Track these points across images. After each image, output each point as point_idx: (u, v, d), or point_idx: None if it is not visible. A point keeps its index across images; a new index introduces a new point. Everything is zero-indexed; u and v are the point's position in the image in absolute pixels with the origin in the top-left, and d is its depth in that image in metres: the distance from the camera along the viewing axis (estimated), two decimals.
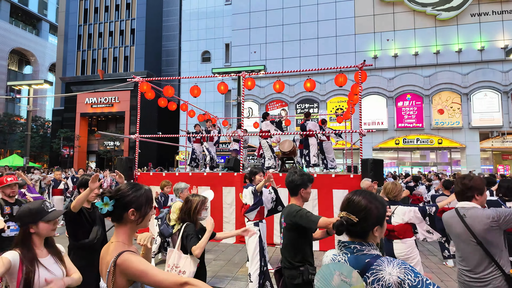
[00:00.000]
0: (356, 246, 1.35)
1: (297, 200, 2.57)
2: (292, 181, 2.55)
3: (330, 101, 24.30)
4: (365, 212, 1.36)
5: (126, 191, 1.50)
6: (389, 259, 1.26)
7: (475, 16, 22.28)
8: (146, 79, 8.57)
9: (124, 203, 1.47)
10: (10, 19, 45.44)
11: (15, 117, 39.23)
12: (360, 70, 6.99)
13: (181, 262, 2.64)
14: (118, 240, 1.47)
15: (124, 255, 1.38)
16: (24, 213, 1.92)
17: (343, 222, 1.39)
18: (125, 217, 1.48)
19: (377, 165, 6.35)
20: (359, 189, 1.55)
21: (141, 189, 1.54)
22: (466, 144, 21.77)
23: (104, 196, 1.46)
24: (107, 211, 1.46)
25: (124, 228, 1.50)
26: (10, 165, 19.44)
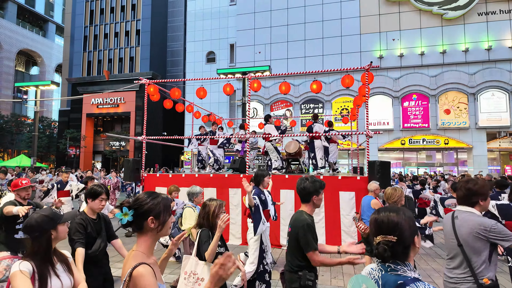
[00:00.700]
0: (391, 265, 1.31)
1: (309, 207, 2.55)
2: (304, 188, 2.52)
3: (335, 101, 24.21)
4: (399, 228, 1.32)
5: (144, 199, 1.52)
6: (426, 285, 1.20)
7: (482, 15, 22.05)
8: (153, 81, 8.61)
9: (142, 212, 1.49)
10: (17, 21, 45.95)
11: (22, 117, 39.69)
12: (367, 72, 6.96)
13: (199, 269, 2.60)
14: (138, 250, 1.49)
15: (140, 269, 1.38)
16: (43, 220, 1.89)
17: (385, 248, 1.32)
18: (145, 226, 1.49)
19: (384, 167, 6.32)
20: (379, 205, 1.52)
21: (158, 197, 1.56)
22: (473, 144, 21.56)
23: (123, 206, 1.48)
24: (127, 221, 1.47)
25: (145, 237, 1.51)
26: (18, 165, 19.67)
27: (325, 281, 5.10)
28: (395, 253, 1.32)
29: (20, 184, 3.52)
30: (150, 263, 1.45)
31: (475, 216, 2.21)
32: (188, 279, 2.57)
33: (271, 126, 8.23)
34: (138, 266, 1.39)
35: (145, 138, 8.60)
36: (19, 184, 3.53)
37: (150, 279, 1.38)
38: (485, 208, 2.29)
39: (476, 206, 2.25)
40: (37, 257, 1.82)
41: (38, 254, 1.83)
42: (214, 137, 9.58)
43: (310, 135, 7.94)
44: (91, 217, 2.98)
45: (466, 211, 2.27)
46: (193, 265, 2.63)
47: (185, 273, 2.62)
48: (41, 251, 1.84)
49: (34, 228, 1.87)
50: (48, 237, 1.88)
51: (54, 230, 1.91)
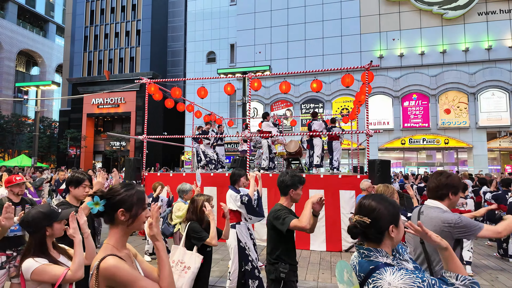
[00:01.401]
0: (364, 252, 1.37)
1: (286, 200, 2.63)
2: (283, 181, 2.62)
3: (336, 101, 24.24)
4: (376, 212, 1.37)
5: (117, 190, 1.44)
6: (394, 269, 1.24)
7: (482, 14, 22.06)
8: (154, 80, 8.64)
9: (114, 203, 1.41)
10: (17, 21, 45.97)
11: (23, 117, 39.72)
12: (367, 71, 6.99)
13: (186, 258, 2.80)
14: (108, 243, 1.42)
15: (108, 260, 1.31)
16: (39, 217, 1.90)
17: (356, 225, 1.40)
18: (116, 218, 1.41)
19: (384, 166, 6.35)
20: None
21: (133, 188, 1.47)
22: (473, 144, 21.57)
23: (95, 195, 1.40)
24: (98, 211, 1.40)
25: (116, 229, 1.43)
26: (18, 165, 19.69)
27: (325, 278, 5.12)
28: (366, 234, 1.38)
29: (14, 181, 3.54)
30: (120, 256, 1.38)
31: (440, 211, 2.09)
32: (176, 267, 2.78)
33: (268, 123, 8.25)
34: (106, 257, 1.32)
35: (146, 137, 8.63)
36: (13, 180, 3.55)
37: (124, 266, 1.32)
38: (454, 203, 2.18)
39: (445, 200, 2.14)
40: (36, 254, 1.84)
41: (35, 251, 1.85)
42: (207, 136, 9.62)
43: (309, 134, 7.97)
44: (75, 205, 2.82)
45: (433, 206, 2.17)
46: (181, 254, 2.84)
47: (173, 261, 2.82)
48: (37, 247, 1.86)
49: (30, 223, 1.90)
50: (42, 234, 1.89)
51: (49, 227, 1.92)
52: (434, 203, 2.18)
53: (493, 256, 6.57)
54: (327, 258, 6.25)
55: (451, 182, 2.15)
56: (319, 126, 8.25)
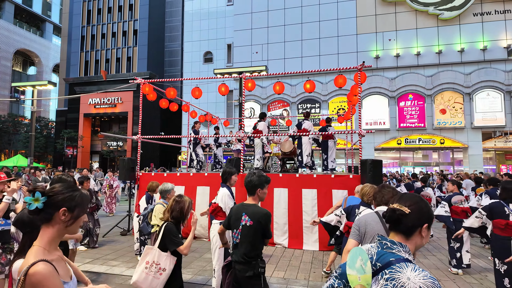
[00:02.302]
0: (387, 243, 1.37)
1: (254, 199, 2.77)
2: (250, 181, 2.74)
3: (332, 101, 24.31)
4: (416, 205, 1.39)
5: (62, 189, 1.40)
6: (416, 267, 1.25)
7: (477, 15, 22.20)
8: (149, 81, 8.67)
9: (56, 201, 1.36)
10: (14, 20, 45.77)
11: (19, 117, 39.57)
12: (360, 71, 7.04)
13: (162, 260, 2.77)
14: (39, 244, 1.34)
15: (38, 267, 1.23)
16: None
17: (395, 211, 1.40)
18: (54, 217, 1.36)
19: (376, 166, 6.40)
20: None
21: (78, 190, 1.45)
22: (468, 144, 21.70)
23: (36, 191, 1.34)
24: (36, 207, 1.33)
25: (51, 230, 1.37)
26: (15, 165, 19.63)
27: (317, 277, 5.17)
28: (400, 224, 1.39)
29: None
30: (52, 259, 1.32)
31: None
32: (150, 268, 2.75)
33: (265, 124, 8.30)
34: (36, 263, 1.24)
35: (140, 137, 8.65)
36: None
37: (53, 280, 1.24)
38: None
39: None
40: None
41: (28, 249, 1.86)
42: (197, 136, 9.73)
43: (299, 131, 8.04)
44: None
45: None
46: (156, 255, 2.79)
47: (147, 262, 2.78)
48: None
49: (26, 223, 1.90)
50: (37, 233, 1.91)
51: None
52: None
53: (484, 256, 6.64)
54: (319, 257, 6.30)
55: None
56: (309, 126, 8.28)
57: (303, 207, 6.93)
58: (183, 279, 3.89)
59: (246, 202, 2.79)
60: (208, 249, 6.57)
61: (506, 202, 3.80)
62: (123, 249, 6.90)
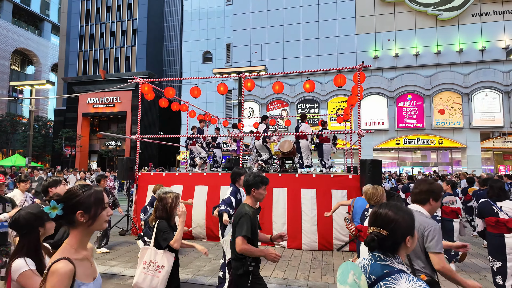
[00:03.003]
0: (380, 256, 1.38)
1: (250, 199, 2.74)
2: (246, 181, 2.74)
3: (331, 101, 24.32)
4: (394, 224, 1.38)
5: (74, 192, 1.44)
6: (410, 277, 1.26)
7: (476, 16, 22.25)
8: (147, 80, 8.64)
9: (71, 205, 1.41)
10: (12, 20, 45.62)
11: (17, 117, 39.44)
12: (359, 71, 7.04)
13: (158, 258, 2.77)
14: (68, 243, 1.42)
15: (58, 265, 1.30)
16: (31, 218, 1.90)
17: (374, 238, 1.40)
18: (75, 220, 1.41)
19: (375, 166, 6.39)
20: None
21: (90, 189, 1.48)
22: (467, 144, 21.75)
23: (51, 199, 1.41)
24: (56, 215, 1.39)
25: (76, 231, 1.44)
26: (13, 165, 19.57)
27: (316, 277, 5.16)
28: (384, 245, 1.39)
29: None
30: (76, 258, 1.38)
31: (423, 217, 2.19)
32: (148, 268, 2.74)
33: (262, 125, 8.31)
34: (59, 261, 1.32)
35: (139, 137, 8.62)
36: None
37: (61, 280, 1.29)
38: (434, 210, 2.29)
39: (426, 204, 2.26)
40: (28, 254, 1.82)
41: (28, 250, 1.83)
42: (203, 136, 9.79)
43: (296, 135, 8.04)
44: None
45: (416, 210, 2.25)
46: (152, 254, 2.80)
47: (144, 262, 2.78)
48: (31, 247, 1.84)
49: (22, 225, 1.88)
50: (36, 234, 1.89)
51: (42, 227, 1.92)
52: (416, 207, 2.28)
53: (483, 256, 6.65)
54: (319, 257, 6.29)
55: (432, 188, 2.26)
56: (306, 129, 8.30)
57: (302, 207, 6.92)
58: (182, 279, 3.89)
59: (244, 202, 2.79)
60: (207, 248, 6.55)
61: (493, 200, 3.85)
62: (121, 249, 6.87)
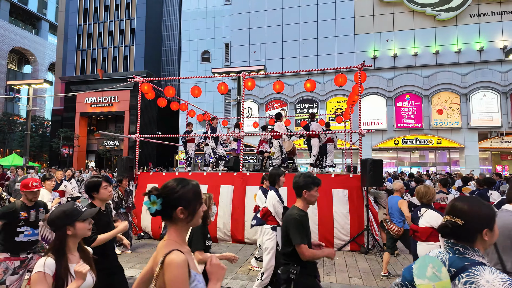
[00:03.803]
0: (459, 248, 1.38)
1: (301, 202, 2.59)
2: (296, 182, 2.58)
3: (330, 101, 24.35)
4: (469, 214, 1.39)
5: (173, 187, 1.41)
6: (493, 269, 1.26)
7: (474, 16, 22.34)
8: (147, 79, 8.60)
9: (171, 201, 1.38)
10: (9, 18, 45.40)
11: (15, 116, 39.21)
12: (360, 71, 7.03)
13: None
14: (170, 238, 1.41)
15: (172, 256, 1.29)
16: (59, 215, 1.86)
17: (448, 225, 1.42)
18: (174, 216, 1.40)
19: (377, 165, 6.39)
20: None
21: (188, 184, 1.45)
22: (465, 144, 21.84)
23: (151, 194, 1.38)
24: (156, 210, 1.37)
25: (176, 226, 1.42)
26: (10, 165, 19.44)
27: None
28: (458, 234, 1.41)
29: (31, 187, 3.29)
30: (184, 252, 1.37)
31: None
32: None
33: (280, 124, 8.22)
34: (171, 252, 1.31)
35: (138, 136, 8.58)
36: (30, 186, 3.29)
37: (181, 269, 1.28)
38: None
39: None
40: (54, 253, 1.80)
41: (53, 248, 1.81)
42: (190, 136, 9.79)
43: (307, 134, 8.02)
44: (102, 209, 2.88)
45: (508, 210, 2.28)
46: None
47: None
48: (56, 245, 1.82)
49: (54, 222, 1.86)
50: (63, 233, 1.85)
51: (71, 226, 1.86)
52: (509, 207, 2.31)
53: None
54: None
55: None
56: (317, 127, 8.33)
57: None
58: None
59: (294, 204, 2.64)
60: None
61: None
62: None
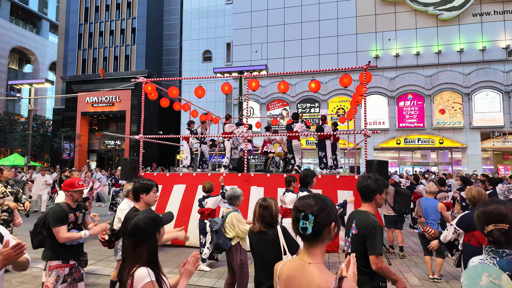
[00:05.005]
0: (505, 251, 1.39)
1: (371, 206, 2.44)
2: (367, 186, 2.40)
3: (332, 100, 24.29)
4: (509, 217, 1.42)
5: (324, 203, 1.34)
6: None
7: (477, 16, 22.26)
8: (149, 80, 8.56)
9: (325, 219, 1.30)
10: (10, 18, 45.36)
11: (16, 116, 39.21)
12: (365, 71, 6.99)
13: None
14: (318, 262, 1.31)
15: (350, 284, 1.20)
16: (149, 222, 1.77)
17: (500, 233, 1.41)
18: (324, 234, 1.31)
19: (382, 166, 6.35)
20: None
21: (328, 200, 1.38)
22: (467, 144, 21.78)
23: (308, 213, 1.31)
24: (312, 229, 1.29)
25: (322, 246, 1.33)
26: (12, 164, 19.43)
27: None
28: (510, 238, 1.42)
29: (77, 185, 3.15)
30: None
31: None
32: None
33: (301, 125, 8.12)
34: (344, 279, 1.23)
35: (142, 137, 8.54)
36: (76, 185, 3.14)
37: None
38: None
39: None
40: (149, 262, 1.70)
41: (149, 259, 1.71)
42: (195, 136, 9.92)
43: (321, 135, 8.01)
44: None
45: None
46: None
47: None
48: (151, 255, 1.72)
49: (143, 230, 1.75)
50: (154, 240, 1.77)
51: (158, 233, 1.81)
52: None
53: None
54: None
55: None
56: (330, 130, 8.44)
57: None
58: None
59: (360, 208, 2.49)
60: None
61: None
62: None
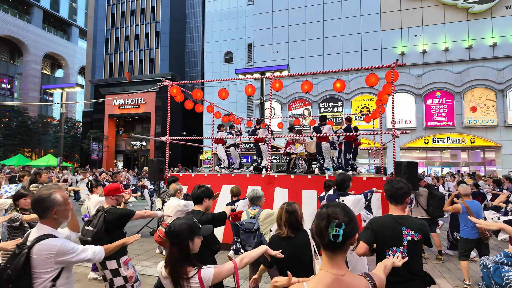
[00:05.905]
0: None
1: (402, 209, 2.42)
2: (400, 188, 2.38)
3: (355, 99, 23.79)
4: None
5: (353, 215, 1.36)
6: None
7: (510, 8, 21.06)
8: (176, 82, 8.75)
9: (353, 228, 1.32)
10: (42, 25, 47.77)
11: (49, 118, 41.26)
12: (393, 70, 6.78)
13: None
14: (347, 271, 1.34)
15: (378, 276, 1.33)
16: (184, 229, 1.86)
17: None
18: (348, 243, 1.32)
19: (412, 168, 6.13)
20: None
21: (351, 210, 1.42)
22: (501, 143, 20.65)
23: (341, 222, 1.31)
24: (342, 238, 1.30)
25: (344, 255, 1.35)
26: (46, 165, 20.46)
27: None
28: None
29: (122, 190, 3.24)
30: None
31: None
32: None
33: (330, 127, 8.12)
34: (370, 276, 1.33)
35: (168, 138, 8.73)
36: (121, 189, 3.24)
37: None
38: None
39: None
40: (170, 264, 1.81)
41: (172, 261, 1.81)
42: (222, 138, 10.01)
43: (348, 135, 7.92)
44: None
45: None
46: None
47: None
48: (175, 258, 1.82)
49: (176, 234, 1.85)
50: (186, 246, 1.85)
51: (191, 241, 1.88)
52: None
53: None
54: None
55: None
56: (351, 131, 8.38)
57: None
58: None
59: (393, 213, 2.42)
60: None
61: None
62: (153, 249, 6.97)
